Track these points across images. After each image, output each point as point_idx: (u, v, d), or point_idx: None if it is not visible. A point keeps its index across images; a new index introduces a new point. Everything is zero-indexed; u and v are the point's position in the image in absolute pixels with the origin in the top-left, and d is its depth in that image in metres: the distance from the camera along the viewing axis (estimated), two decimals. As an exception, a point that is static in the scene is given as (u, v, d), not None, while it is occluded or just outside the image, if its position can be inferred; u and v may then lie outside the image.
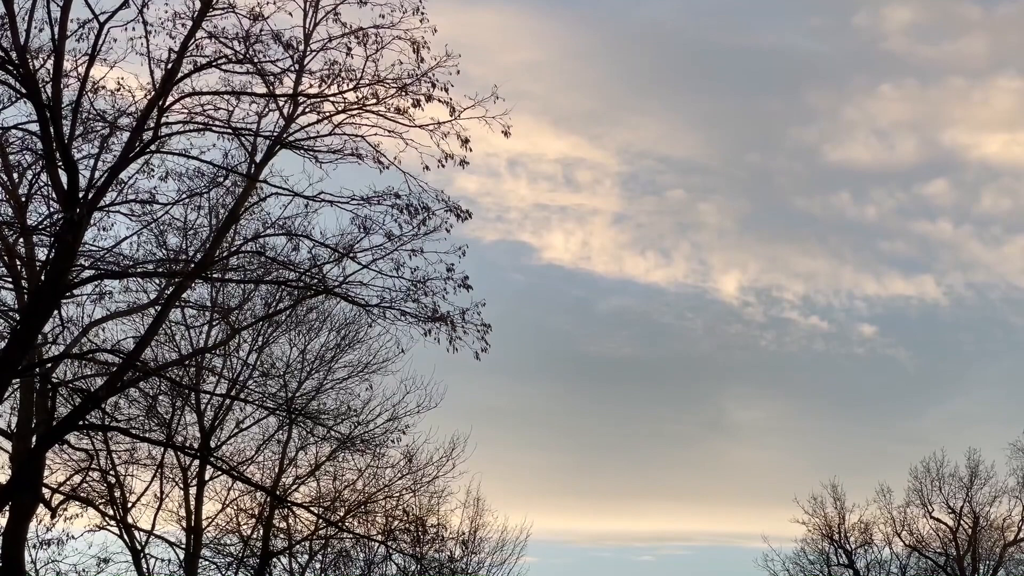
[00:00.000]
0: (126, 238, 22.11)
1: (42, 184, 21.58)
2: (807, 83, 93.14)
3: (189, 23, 19.25)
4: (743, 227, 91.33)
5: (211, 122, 20.32)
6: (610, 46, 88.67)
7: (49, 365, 22.01)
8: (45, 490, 23.62)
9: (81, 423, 21.75)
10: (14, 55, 18.14)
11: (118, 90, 20.56)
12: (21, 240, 21.89)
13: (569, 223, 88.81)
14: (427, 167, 20.33)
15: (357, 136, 20.55)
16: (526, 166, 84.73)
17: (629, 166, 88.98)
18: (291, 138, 20.73)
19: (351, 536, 32.93)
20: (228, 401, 29.49)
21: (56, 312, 20.30)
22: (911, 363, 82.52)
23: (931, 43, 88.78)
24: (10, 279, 21.69)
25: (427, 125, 20.31)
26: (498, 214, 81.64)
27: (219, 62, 19.73)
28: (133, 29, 19.17)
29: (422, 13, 20.15)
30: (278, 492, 30.99)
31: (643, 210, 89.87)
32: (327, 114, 20.61)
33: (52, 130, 18.04)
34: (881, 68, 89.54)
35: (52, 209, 21.40)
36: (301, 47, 20.28)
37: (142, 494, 30.36)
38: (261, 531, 32.64)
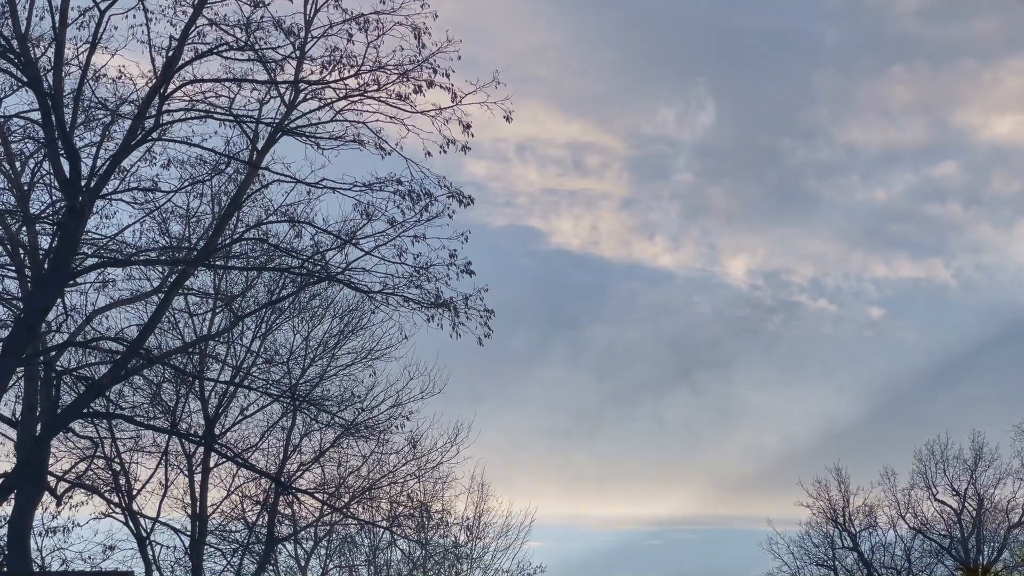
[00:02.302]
0: (128, 226, 22.17)
1: (44, 172, 21.59)
2: (817, 65, 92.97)
3: (190, 10, 19.27)
4: (752, 210, 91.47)
5: (213, 109, 20.33)
6: (619, 30, 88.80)
7: (53, 353, 22.04)
8: (50, 478, 23.68)
9: (85, 411, 21.84)
10: (15, 44, 18.16)
11: (119, 78, 20.59)
12: (24, 228, 21.91)
13: (578, 208, 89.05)
14: (429, 153, 20.39)
15: (359, 122, 20.60)
16: (535, 151, 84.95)
17: (638, 150, 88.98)
18: (293, 125, 20.74)
19: (356, 522, 32.98)
20: (232, 388, 29.49)
21: (59, 300, 20.31)
22: (919, 346, 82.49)
23: (942, 24, 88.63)
24: (13, 267, 21.71)
25: (429, 111, 20.33)
26: (507, 199, 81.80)
27: (220, 49, 19.74)
28: (134, 16, 19.23)
29: (423, -1, 20.17)
30: (283, 479, 31.02)
31: (652, 194, 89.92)
32: (328, 100, 20.63)
33: (54, 118, 18.05)
34: (892, 50, 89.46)
35: (54, 197, 21.41)
36: (302, 34, 20.29)
37: (147, 481, 30.35)
38: (266, 518, 32.66)
